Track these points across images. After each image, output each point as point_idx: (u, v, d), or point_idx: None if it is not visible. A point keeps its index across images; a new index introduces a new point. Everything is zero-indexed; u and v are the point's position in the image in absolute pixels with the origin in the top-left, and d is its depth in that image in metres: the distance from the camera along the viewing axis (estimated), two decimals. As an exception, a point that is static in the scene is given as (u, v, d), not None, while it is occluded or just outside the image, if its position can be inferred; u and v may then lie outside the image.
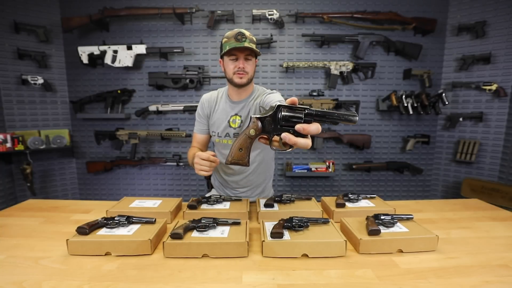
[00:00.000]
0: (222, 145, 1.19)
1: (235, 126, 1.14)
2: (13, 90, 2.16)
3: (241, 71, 1.07)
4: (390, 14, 2.16)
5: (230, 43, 1.03)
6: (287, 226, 0.89)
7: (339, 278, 0.73)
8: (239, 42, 1.02)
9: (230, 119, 1.15)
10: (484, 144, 2.20)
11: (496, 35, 2.08)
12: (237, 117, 1.14)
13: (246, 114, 1.14)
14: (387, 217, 0.94)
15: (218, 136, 1.18)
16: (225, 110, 1.17)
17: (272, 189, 1.43)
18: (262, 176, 1.29)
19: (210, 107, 1.19)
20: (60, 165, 2.41)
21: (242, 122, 1.14)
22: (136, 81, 2.33)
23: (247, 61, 1.08)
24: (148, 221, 0.93)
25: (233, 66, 1.08)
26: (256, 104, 1.13)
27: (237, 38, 1.02)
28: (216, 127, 1.18)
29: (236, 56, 1.06)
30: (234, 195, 1.32)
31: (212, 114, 1.18)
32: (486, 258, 0.83)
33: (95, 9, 2.15)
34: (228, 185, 1.30)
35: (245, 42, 1.03)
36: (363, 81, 2.31)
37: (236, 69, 1.07)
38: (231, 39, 1.03)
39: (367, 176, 2.44)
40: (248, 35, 1.05)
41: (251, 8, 2.21)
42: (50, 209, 1.23)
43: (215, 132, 1.19)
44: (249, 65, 1.08)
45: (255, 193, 1.32)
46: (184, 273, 0.74)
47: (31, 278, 0.72)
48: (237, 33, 1.03)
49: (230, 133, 1.16)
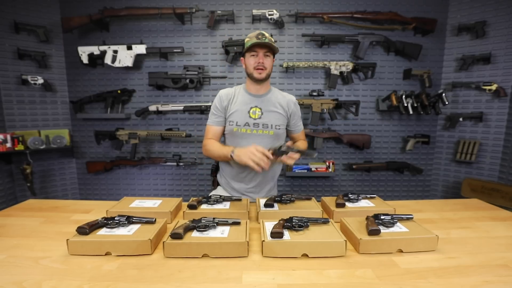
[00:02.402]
0: (241, 134, 1.25)
1: (255, 117, 1.24)
2: (13, 90, 2.16)
3: (261, 66, 1.19)
4: (390, 14, 2.16)
5: (252, 41, 1.17)
6: (287, 226, 0.89)
7: (339, 278, 0.73)
8: (259, 40, 1.15)
9: (250, 110, 1.25)
10: (484, 144, 2.20)
11: (496, 35, 2.08)
12: (257, 109, 1.25)
13: (266, 107, 1.26)
14: (387, 217, 0.94)
15: (237, 125, 1.24)
16: (244, 102, 1.26)
17: (276, 190, 1.47)
18: (271, 172, 1.36)
19: (228, 100, 1.27)
20: (60, 165, 2.41)
21: (262, 114, 1.25)
22: (136, 81, 2.33)
23: (266, 57, 1.20)
24: (148, 221, 0.94)
25: (253, 62, 1.20)
26: (275, 101, 1.28)
27: (258, 37, 1.16)
28: (235, 117, 1.25)
29: (257, 52, 1.19)
30: (243, 192, 1.34)
31: (231, 105, 1.26)
32: (486, 258, 0.83)
33: (95, 9, 2.15)
34: (241, 179, 1.33)
35: (265, 40, 1.16)
36: (363, 81, 2.31)
37: (256, 64, 1.19)
38: (253, 38, 1.17)
39: (367, 176, 2.44)
40: (268, 35, 1.19)
41: (251, 8, 2.21)
42: (50, 209, 1.23)
43: (234, 121, 1.25)
44: (267, 61, 1.20)
45: (264, 189, 1.36)
46: (184, 273, 0.74)
47: (31, 278, 0.72)
48: (258, 33, 1.18)
49: (250, 123, 1.24)
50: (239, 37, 2.23)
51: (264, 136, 1.25)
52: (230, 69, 2.29)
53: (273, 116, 1.26)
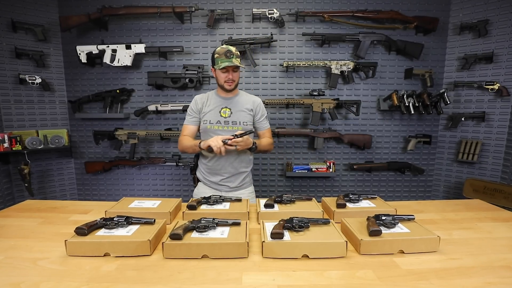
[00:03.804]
0: (213, 130, 1.43)
1: (225, 116, 1.44)
2: (11, 90, 2.15)
3: (230, 81, 1.39)
4: (391, 13, 2.15)
5: (222, 59, 1.33)
6: (288, 227, 0.89)
7: (339, 279, 0.73)
8: (228, 59, 1.32)
9: (221, 110, 1.44)
10: (486, 144, 2.19)
11: (498, 34, 2.07)
12: (227, 109, 1.45)
13: (235, 107, 1.45)
14: (388, 218, 0.93)
15: (210, 123, 1.43)
16: (216, 104, 1.45)
17: (251, 180, 1.59)
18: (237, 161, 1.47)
19: (202, 103, 1.47)
20: (58, 165, 2.40)
21: (232, 113, 1.44)
22: (135, 80, 2.32)
23: (234, 72, 1.39)
24: (147, 222, 0.93)
25: (224, 76, 1.38)
26: (242, 102, 1.46)
27: (227, 55, 1.33)
28: (208, 116, 1.44)
29: (226, 69, 1.36)
30: (220, 183, 1.46)
31: (204, 107, 1.46)
32: (488, 259, 0.82)
33: (94, 8, 2.14)
34: (216, 172, 1.47)
35: (233, 58, 1.33)
36: (364, 81, 2.30)
37: (227, 79, 1.38)
38: (222, 56, 1.33)
39: (368, 176, 2.43)
40: (234, 51, 1.35)
41: (251, 7, 2.20)
42: (48, 209, 1.23)
43: (207, 120, 1.43)
44: (236, 75, 1.40)
45: (238, 179, 1.48)
46: (184, 274, 0.74)
47: (29, 280, 0.71)
48: (226, 51, 1.33)
49: (221, 121, 1.43)
50: (239, 36, 2.22)
51: (233, 132, 1.38)
52: (230, 68, 2.28)
53: (241, 115, 1.44)
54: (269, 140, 1.53)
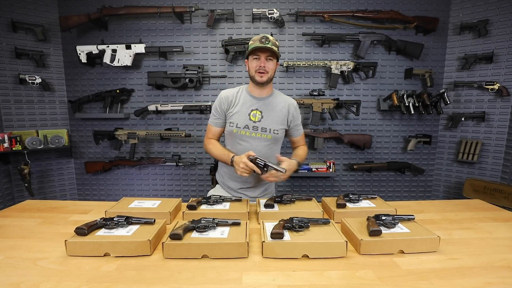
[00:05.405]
0: (240, 135, 1.27)
1: (255, 120, 1.26)
2: (11, 90, 2.15)
3: (262, 70, 1.19)
4: (391, 13, 2.15)
5: (255, 44, 1.17)
6: (288, 227, 0.89)
7: (339, 279, 0.72)
8: (262, 44, 1.16)
9: (251, 112, 1.26)
10: (486, 144, 2.19)
11: (498, 34, 2.07)
12: (258, 111, 1.26)
13: (266, 110, 1.27)
14: (388, 218, 0.93)
15: (236, 127, 1.26)
16: (246, 104, 1.27)
17: (274, 189, 1.48)
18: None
19: (228, 102, 1.28)
20: (58, 165, 2.40)
21: (262, 117, 1.26)
22: (135, 80, 2.32)
23: (268, 61, 1.20)
24: (147, 222, 0.93)
25: (255, 65, 1.20)
26: (276, 105, 1.28)
27: (261, 41, 1.16)
28: (236, 119, 1.26)
29: (259, 56, 1.19)
30: (238, 190, 1.36)
31: (232, 107, 1.28)
32: (488, 259, 0.82)
33: (94, 8, 2.14)
34: (236, 179, 1.35)
35: (268, 45, 1.16)
36: (364, 81, 2.30)
37: (258, 67, 1.19)
38: (256, 41, 1.18)
39: (368, 176, 2.43)
40: (272, 39, 1.18)
41: (251, 7, 2.20)
42: (48, 209, 1.23)
43: (234, 123, 1.27)
44: (269, 65, 1.20)
45: (258, 189, 1.38)
46: (184, 274, 0.74)
47: (29, 280, 0.71)
48: (262, 37, 1.18)
49: (250, 125, 1.26)
50: (239, 36, 2.21)
51: (262, 139, 1.27)
52: (230, 68, 2.28)
53: (272, 120, 1.28)
54: (306, 150, 1.39)
